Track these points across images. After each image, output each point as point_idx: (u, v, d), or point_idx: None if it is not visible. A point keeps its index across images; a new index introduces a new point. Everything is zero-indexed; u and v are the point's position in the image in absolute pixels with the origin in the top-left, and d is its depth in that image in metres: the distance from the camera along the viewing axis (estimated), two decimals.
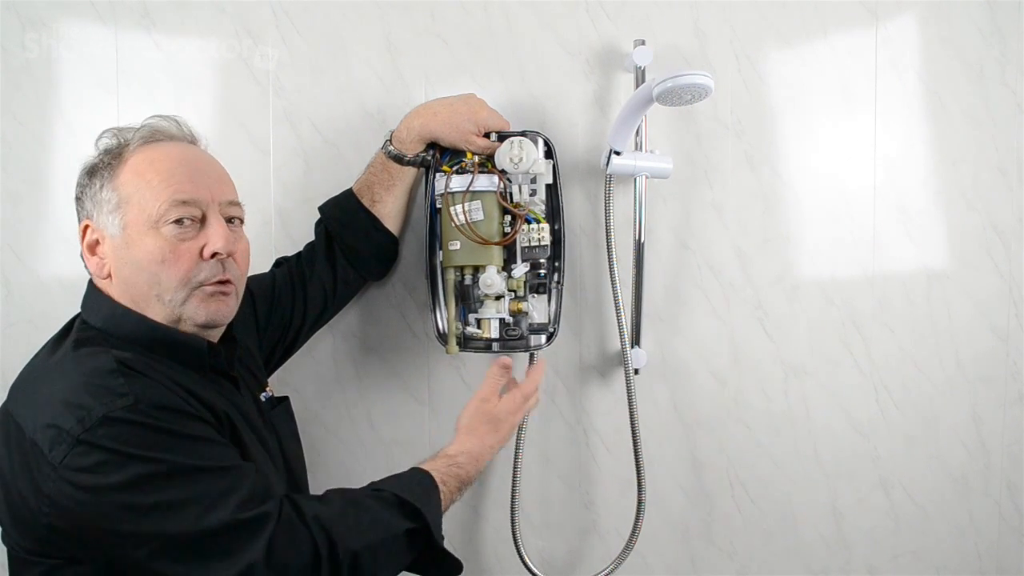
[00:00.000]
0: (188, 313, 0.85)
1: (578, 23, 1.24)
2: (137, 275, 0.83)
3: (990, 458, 1.33)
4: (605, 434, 1.30)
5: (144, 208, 0.83)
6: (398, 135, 1.14)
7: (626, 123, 1.11)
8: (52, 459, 0.71)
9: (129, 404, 0.73)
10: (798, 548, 1.33)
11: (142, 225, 0.83)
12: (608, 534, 1.31)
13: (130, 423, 0.72)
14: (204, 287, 0.85)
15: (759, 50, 1.26)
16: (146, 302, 0.84)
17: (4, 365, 1.26)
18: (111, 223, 0.84)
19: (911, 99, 1.28)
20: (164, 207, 0.82)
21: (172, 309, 0.84)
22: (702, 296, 1.29)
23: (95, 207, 0.85)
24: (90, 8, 1.24)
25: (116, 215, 0.83)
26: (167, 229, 0.83)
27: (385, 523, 0.84)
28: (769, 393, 1.30)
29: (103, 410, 0.72)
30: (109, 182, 0.84)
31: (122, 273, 0.84)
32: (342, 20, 1.25)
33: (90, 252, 0.86)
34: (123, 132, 0.88)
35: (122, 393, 0.73)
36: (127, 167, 0.84)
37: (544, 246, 1.15)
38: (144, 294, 0.84)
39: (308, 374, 1.29)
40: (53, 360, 0.82)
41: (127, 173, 0.84)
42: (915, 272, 1.29)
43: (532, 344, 1.19)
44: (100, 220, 0.84)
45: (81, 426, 0.71)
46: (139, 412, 0.73)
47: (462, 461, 0.96)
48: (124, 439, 0.72)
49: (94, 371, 0.76)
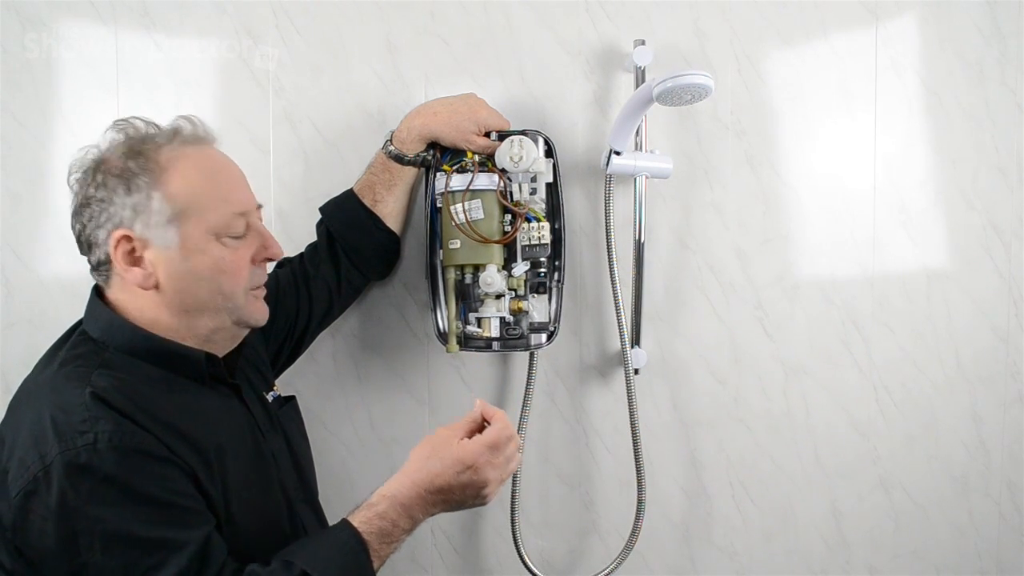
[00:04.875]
0: (246, 316, 0.88)
1: (578, 23, 1.25)
2: (196, 286, 0.83)
3: (990, 458, 1.33)
4: (605, 434, 1.30)
5: (205, 220, 0.82)
6: (398, 135, 1.14)
7: (626, 123, 1.11)
8: (11, 490, 0.73)
9: (88, 443, 0.72)
10: (798, 548, 1.33)
11: (202, 237, 0.82)
12: (608, 534, 1.31)
13: (82, 471, 0.71)
14: (254, 291, 0.88)
15: (759, 50, 1.26)
16: (201, 311, 0.85)
17: (4, 365, 1.27)
18: (164, 235, 0.81)
19: (911, 99, 1.28)
20: (228, 219, 0.84)
21: (232, 315, 0.86)
22: (702, 296, 1.29)
23: (137, 216, 0.80)
24: (90, 8, 1.24)
25: (172, 227, 0.81)
26: (229, 240, 0.84)
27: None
28: (769, 393, 1.30)
29: (60, 453, 0.72)
30: (156, 190, 0.80)
31: (178, 284, 0.83)
32: (342, 20, 1.25)
33: (130, 263, 0.82)
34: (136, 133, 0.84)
35: (82, 431, 0.73)
36: (177, 175, 0.81)
37: (544, 245, 1.15)
38: (203, 303, 0.84)
39: (308, 374, 1.29)
40: (43, 378, 0.82)
41: (178, 182, 0.81)
42: (915, 272, 1.29)
43: (532, 343, 1.19)
44: (147, 231, 0.81)
45: (36, 466, 0.72)
46: (96, 454, 0.72)
47: (382, 510, 0.81)
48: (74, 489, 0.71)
49: (64, 404, 0.75)
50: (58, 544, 0.72)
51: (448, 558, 1.32)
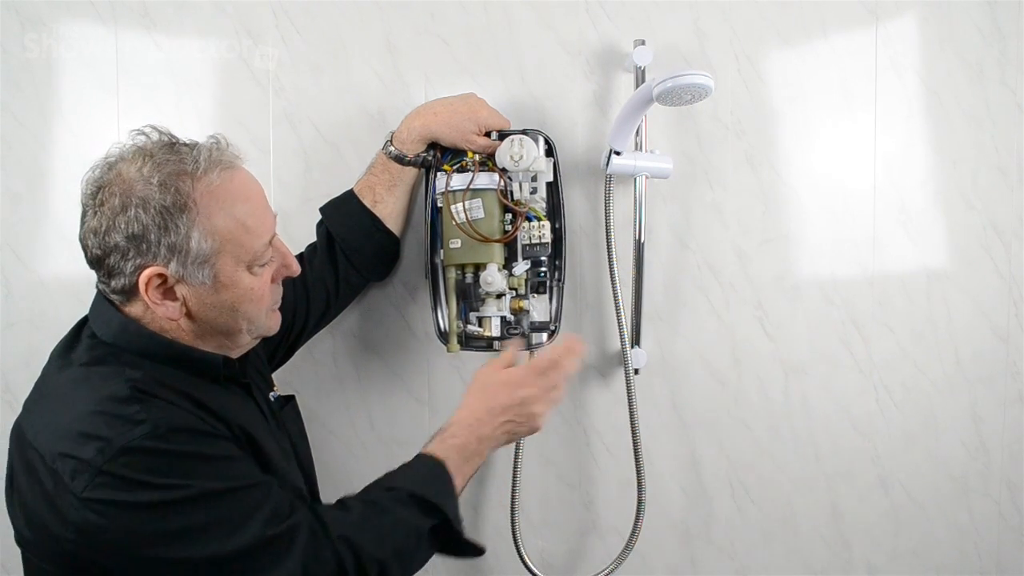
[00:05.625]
0: (264, 331, 0.90)
1: (578, 23, 1.25)
2: (224, 315, 0.84)
3: (990, 458, 1.33)
4: (605, 434, 1.30)
5: (240, 253, 0.82)
6: (399, 135, 1.14)
7: (626, 123, 1.11)
8: (74, 489, 0.70)
9: (147, 432, 0.72)
10: (798, 548, 1.33)
11: (234, 268, 0.82)
12: (608, 534, 1.31)
13: (150, 451, 0.72)
14: (273, 307, 0.90)
15: (759, 50, 1.26)
16: (227, 336, 0.86)
17: (4, 365, 1.26)
18: (200, 272, 0.79)
19: (911, 99, 1.28)
20: (260, 250, 0.84)
21: (252, 333, 0.88)
22: (702, 296, 1.29)
23: (174, 255, 0.78)
24: (90, 8, 1.24)
25: (207, 264, 0.80)
26: (260, 270, 0.85)
27: (406, 525, 0.83)
28: (769, 393, 1.30)
29: (122, 440, 0.71)
30: (194, 230, 0.78)
31: (207, 315, 0.83)
32: (342, 20, 1.25)
33: (163, 298, 0.80)
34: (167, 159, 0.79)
35: (139, 420, 0.73)
36: (214, 213, 0.79)
37: (545, 244, 1.15)
38: (230, 329, 0.85)
39: (308, 374, 1.29)
40: (65, 378, 0.81)
41: (215, 219, 0.79)
42: (915, 272, 1.29)
43: (533, 342, 1.19)
44: (181, 269, 0.79)
45: (102, 457, 0.70)
46: (158, 438, 0.72)
47: (456, 431, 0.92)
48: (146, 467, 0.71)
49: (109, 398, 0.75)
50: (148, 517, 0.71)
51: (448, 558, 1.31)
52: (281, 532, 0.75)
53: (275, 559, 0.75)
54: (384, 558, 0.80)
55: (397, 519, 0.83)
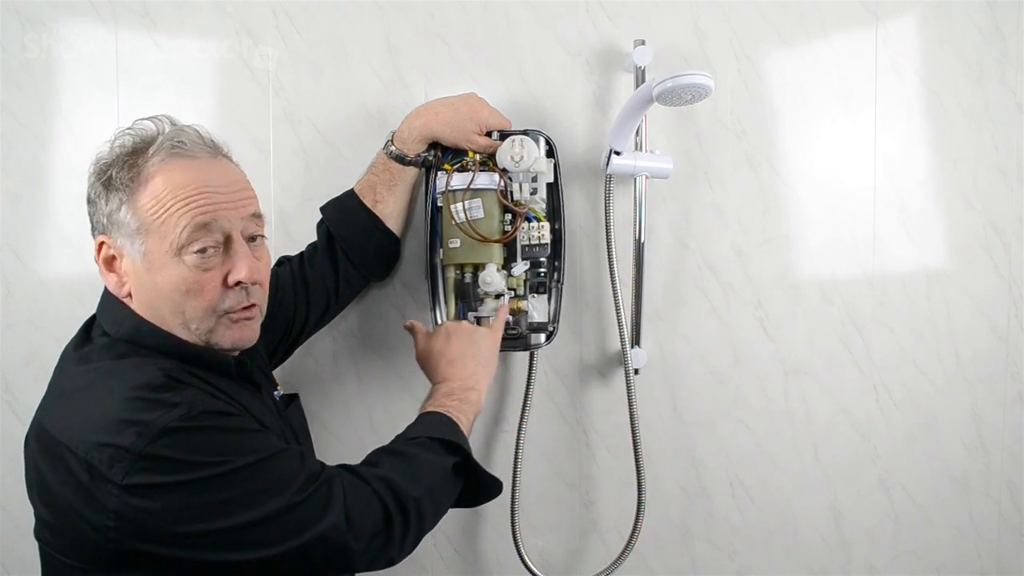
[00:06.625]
0: (215, 339, 0.85)
1: (578, 23, 1.25)
2: (160, 302, 0.83)
3: (990, 458, 1.33)
4: (605, 434, 1.30)
5: (165, 236, 0.80)
6: (399, 135, 1.14)
7: (626, 123, 1.11)
8: (113, 477, 0.71)
9: (184, 413, 0.73)
10: (798, 548, 1.33)
11: (164, 253, 0.81)
12: (608, 534, 1.31)
13: (189, 431, 0.73)
14: (230, 314, 0.85)
15: (759, 50, 1.26)
16: (171, 327, 0.84)
17: (4, 365, 1.26)
18: (132, 248, 0.81)
19: (911, 99, 1.28)
20: (186, 234, 0.80)
21: (199, 336, 0.84)
22: (702, 296, 1.28)
23: (111, 225, 0.82)
24: (90, 8, 1.24)
25: (136, 241, 0.81)
26: (190, 258, 0.81)
27: (431, 464, 0.90)
28: (769, 393, 1.30)
29: (161, 422, 0.72)
30: (127, 203, 0.81)
31: (144, 297, 0.83)
32: (342, 20, 1.25)
33: (107, 268, 0.84)
34: (142, 138, 0.83)
35: (174, 403, 0.74)
36: (147, 190, 0.80)
37: (544, 244, 1.15)
38: (168, 320, 0.83)
39: (308, 374, 1.29)
40: (90, 373, 0.81)
41: (147, 197, 0.80)
42: (915, 272, 1.29)
43: (532, 343, 1.19)
44: (119, 240, 0.82)
45: (142, 441, 0.71)
46: (193, 419, 0.74)
47: (436, 391, 1.04)
48: (186, 447, 0.73)
49: (143, 386, 0.76)
50: (191, 492, 0.73)
51: (448, 558, 1.32)
52: (319, 485, 0.79)
53: (317, 511, 0.77)
54: (419, 495, 0.85)
55: (423, 460, 0.89)
